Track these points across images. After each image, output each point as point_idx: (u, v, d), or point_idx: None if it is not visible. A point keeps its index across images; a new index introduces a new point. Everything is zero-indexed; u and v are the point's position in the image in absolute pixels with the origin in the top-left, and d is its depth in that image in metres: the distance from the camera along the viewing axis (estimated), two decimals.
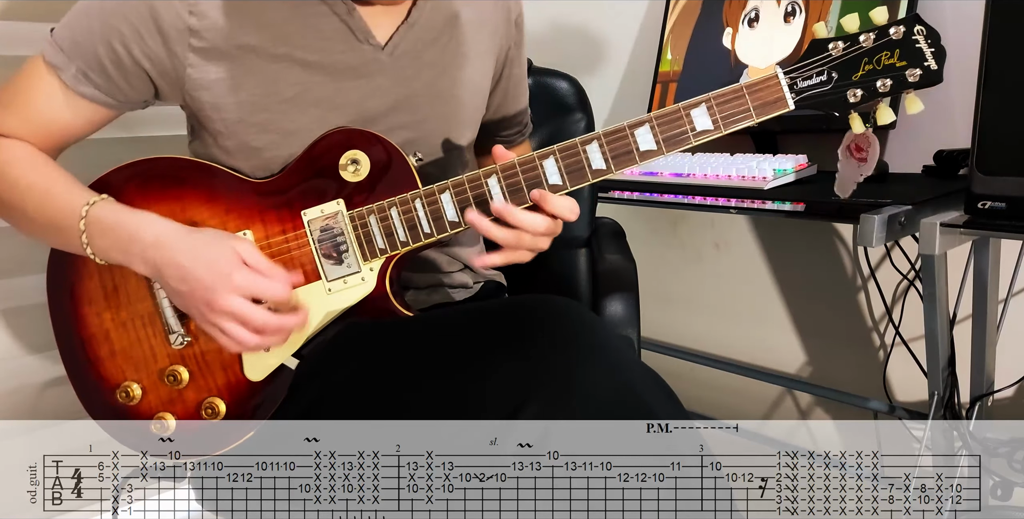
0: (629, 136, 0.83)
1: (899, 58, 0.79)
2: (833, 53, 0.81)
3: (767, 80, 0.81)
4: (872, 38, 0.79)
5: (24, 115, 0.91)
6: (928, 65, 0.79)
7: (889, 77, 0.80)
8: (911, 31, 0.79)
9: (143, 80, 0.90)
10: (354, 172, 0.89)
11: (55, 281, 0.94)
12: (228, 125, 0.90)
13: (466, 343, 0.79)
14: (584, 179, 0.84)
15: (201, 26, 0.87)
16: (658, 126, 0.83)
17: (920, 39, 0.79)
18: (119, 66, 0.88)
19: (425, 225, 0.87)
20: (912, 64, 0.79)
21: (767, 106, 0.81)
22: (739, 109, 0.81)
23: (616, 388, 0.72)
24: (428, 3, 0.96)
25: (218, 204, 0.91)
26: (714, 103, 0.81)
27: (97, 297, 0.92)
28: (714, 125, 0.82)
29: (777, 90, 0.81)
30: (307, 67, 0.90)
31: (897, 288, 1.51)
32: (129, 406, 0.91)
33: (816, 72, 0.81)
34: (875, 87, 0.80)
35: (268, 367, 0.89)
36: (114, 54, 0.87)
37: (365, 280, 0.89)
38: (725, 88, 0.81)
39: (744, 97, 0.81)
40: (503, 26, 1.04)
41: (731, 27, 1.53)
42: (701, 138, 0.82)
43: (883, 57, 0.80)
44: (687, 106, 0.82)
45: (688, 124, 0.82)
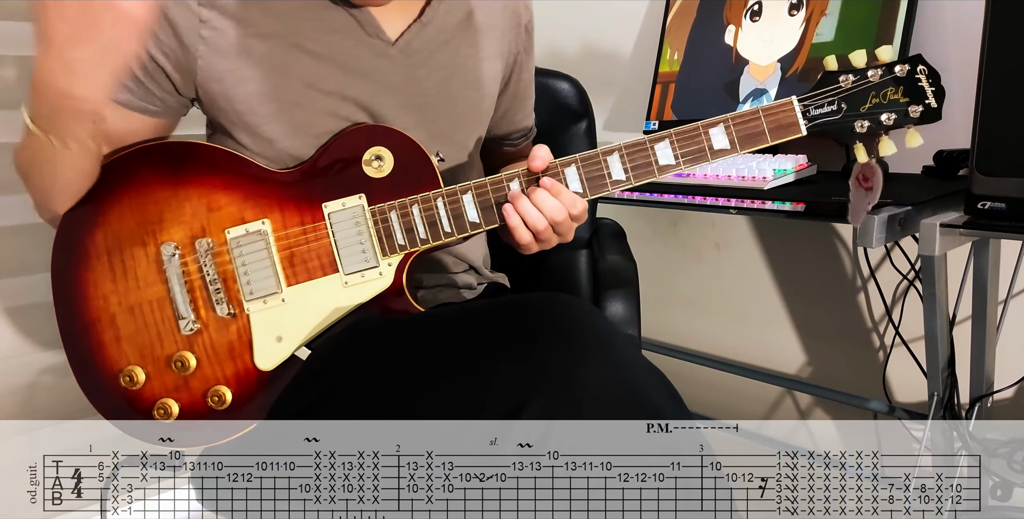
0: (649, 150, 0.87)
1: (903, 94, 0.86)
2: (843, 85, 0.86)
3: (782, 105, 0.87)
4: (879, 74, 0.86)
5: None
6: (929, 103, 0.85)
7: (894, 111, 0.86)
8: (915, 69, 0.85)
9: (164, 78, 0.90)
10: (377, 168, 0.90)
11: (60, 263, 0.93)
12: (240, 116, 0.91)
13: (468, 341, 0.79)
14: (604, 189, 0.88)
15: (211, 17, 0.88)
16: (678, 142, 0.87)
17: (922, 78, 0.85)
18: (143, 67, 0.89)
19: (446, 224, 0.89)
20: (914, 101, 0.86)
21: (781, 130, 0.87)
22: (755, 131, 0.87)
23: (620, 387, 0.72)
24: (442, 4, 0.96)
25: (236, 191, 0.91)
26: (731, 123, 0.86)
27: (104, 280, 0.91)
28: (731, 144, 0.87)
29: (791, 115, 0.86)
30: (317, 59, 0.91)
31: (897, 288, 1.51)
32: (132, 391, 0.90)
33: (828, 101, 0.87)
34: (880, 120, 0.86)
35: (280, 356, 0.89)
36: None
37: (383, 275, 0.90)
38: (742, 110, 0.87)
39: (760, 119, 0.86)
40: (512, 31, 1.05)
41: (733, 24, 1.54)
42: (718, 157, 0.87)
43: (888, 92, 0.86)
44: (706, 125, 0.87)
45: (706, 141, 0.87)
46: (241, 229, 0.90)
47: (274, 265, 0.90)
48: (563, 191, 0.87)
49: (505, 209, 0.87)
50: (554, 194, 0.87)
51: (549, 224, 0.87)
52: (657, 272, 1.89)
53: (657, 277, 1.89)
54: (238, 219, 0.90)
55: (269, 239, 0.90)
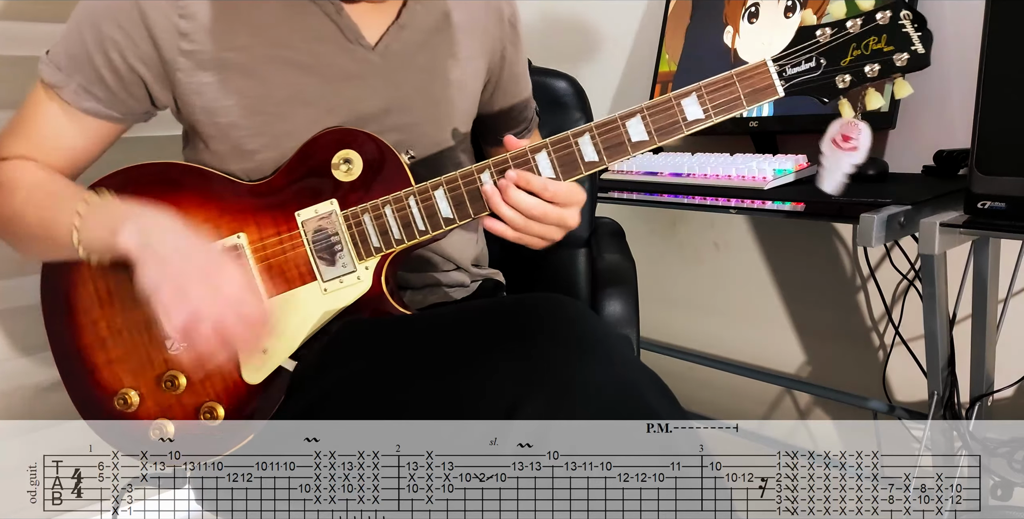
0: (621, 127, 0.83)
1: (886, 43, 0.79)
2: (821, 39, 0.80)
3: (757, 67, 0.81)
4: (859, 23, 0.79)
5: (32, 140, 0.91)
6: (915, 49, 0.78)
7: (877, 62, 0.80)
8: (897, 15, 0.78)
9: (140, 87, 0.90)
10: (347, 171, 0.89)
11: (49, 291, 0.94)
12: (220, 129, 0.90)
13: (465, 342, 0.79)
14: (577, 171, 0.84)
15: (191, 28, 0.86)
16: (650, 116, 0.83)
17: (907, 23, 0.78)
18: (116, 75, 0.88)
19: (420, 222, 0.87)
20: (900, 48, 0.79)
21: (757, 93, 0.81)
22: (730, 97, 0.81)
23: (617, 387, 0.72)
24: (418, 5, 0.95)
25: (211, 207, 0.91)
26: (704, 92, 0.81)
27: (91, 305, 0.91)
28: (704, 114, 0.82)
29: (767, 77, 0.81)
30: (299, 68, 0.90)
31: (897, 288, 1.51)
32: (127, 413, 0.90)
33: (805, 59, 0.81)
34: (863, 72, 0.80)
35: (266, 370, 0.88)
36: (110, 63, 0.87)
37: (361, 279, 0.89)
38: (715, 76, 0.81)
39: (735, 85, 0.81)
40: (495, 27, 1.04)
41: (732, 25, 1.53)
42: (693, 127, 0.82)
43: (871, 42, 0.79)
44: (678, 95, 0.82)
45: (680, 114, 0.82)
46: (217, 245, 0.89)
47: (253, 278, 0.89)
48: (533, 180, 0.83)
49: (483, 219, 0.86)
50: (523, 185, 0.83)
51: (529, 219, 0.84)
52: (656, 272, 1.89)
53: (656, 277, 1.89)
54: (214, 235, 0.90)
55: (246, 252, 0.89)
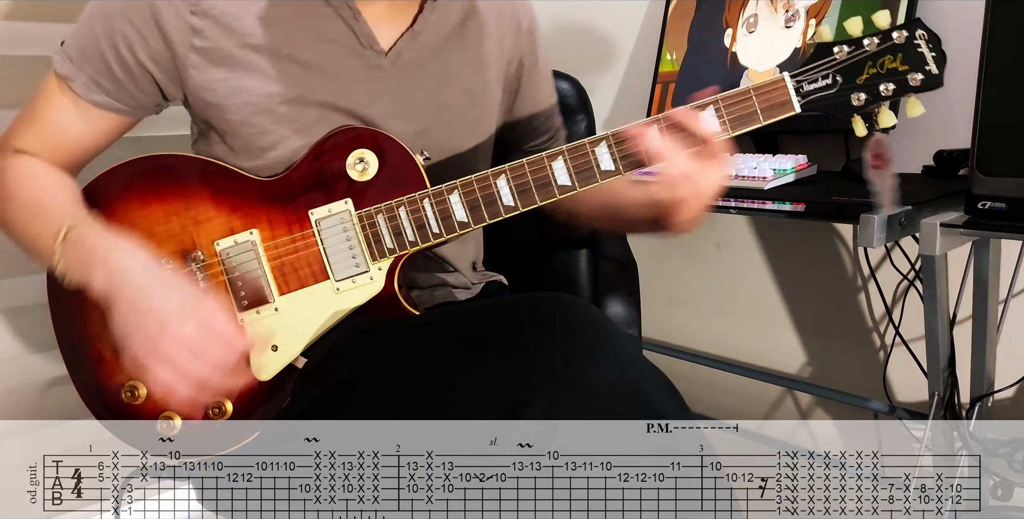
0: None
1: (901, 62, 0.80)
2: (838, 57, 0.81)
3: (774, 83, 0.81)
4: (876, 42, 0.80)
5: (40, 131, 0.91)
6: (930, 69, 0.80)
7: (892, 81, 0.81)
8: (913, 35, 0.79)
9: (150, 82, 0.90)
10: (362, 171, 0.89)
11: (56, 282, 0.93)
12: (232, 125, 0.91)
13: (469, 341, 0.79)
14: (593, 180, 0.84)
15: (203, 26, 0.87)
16: (667, 129, 0.82)
17: (922, 43, 0.79)
18: (126, 69, 0.88)
19: (434, 225, 0.87)
20: (914, 68, 0.80)
21: (774, 109, 0.82)
22: (747, 111, 0.82)
23: (622, 386, 0.72)
24: (434, 12, 0.95)
25: (223, 203, 0.91)
26: (722, 105, 0.82)
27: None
28: (722, 127, 0.82)
29: (784, 93, 0.81)
30: (309, 69, 0.90)
31: (897, 288, 1.51)
32: (134, 405, 0.90)
33: (821, 76, 0.82)
34: (878, 91, 0.81)
35: (277, 366, 0.88)
36: (120, 57, 0.87)
37: (374, 279, 0.89)
38: (732, 90, 0.82)
39: (751, 99, 0.81)
40: (512, 36, 1.04)
41: (732, 28, 1.53)
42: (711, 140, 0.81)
43: (886, 61, 0.80)
44: (696, 107, 0.82)
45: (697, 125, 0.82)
46: (230, 240, 0.90)
47: (265, 275, 0.89)
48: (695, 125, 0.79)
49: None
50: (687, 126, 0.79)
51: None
52: (658, 272, 1.89)
53: (658, 277, 1.89)
54: (227, 230, 0.90)
55: (259, 249, 0.89)
